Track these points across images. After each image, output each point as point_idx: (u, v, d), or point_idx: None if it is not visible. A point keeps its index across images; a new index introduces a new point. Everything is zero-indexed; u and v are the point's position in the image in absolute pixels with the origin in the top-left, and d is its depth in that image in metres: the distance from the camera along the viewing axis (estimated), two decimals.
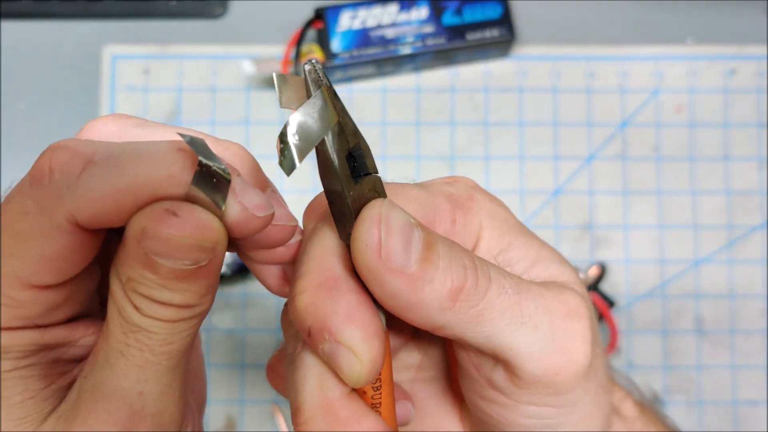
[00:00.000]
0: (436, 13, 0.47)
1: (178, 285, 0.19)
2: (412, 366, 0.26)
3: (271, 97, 0.50)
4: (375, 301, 0.20)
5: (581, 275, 0.47)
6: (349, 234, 0.19)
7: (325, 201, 0.21)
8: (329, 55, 0.47)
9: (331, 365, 0.19)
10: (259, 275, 0.24)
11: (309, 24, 0.46)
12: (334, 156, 0.19)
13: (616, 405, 0.26)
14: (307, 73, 0.18)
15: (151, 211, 0.18)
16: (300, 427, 0.20)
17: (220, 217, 0.19)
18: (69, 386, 0.21)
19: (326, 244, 0.20)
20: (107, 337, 0.20)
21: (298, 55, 0.45)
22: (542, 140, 0.50)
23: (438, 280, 0.19)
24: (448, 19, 0.47)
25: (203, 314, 0.20)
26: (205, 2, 0.50)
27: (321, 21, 0.47)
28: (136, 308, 0.19)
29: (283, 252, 0.22)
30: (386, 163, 0.49)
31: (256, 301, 0.48)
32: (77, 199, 0.18)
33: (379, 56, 0.47)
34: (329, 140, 0.19)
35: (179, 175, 0.18)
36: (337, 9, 0.47)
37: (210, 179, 0.18)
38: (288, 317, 0.21)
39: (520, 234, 0.23)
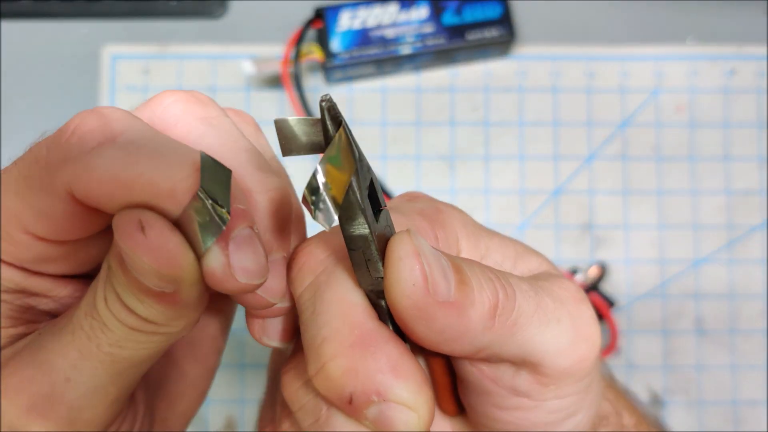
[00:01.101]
0: (436, 13, 0.47)
1: (142, 297, 0.17)
2: None
3: (270, 97, 0.50)
4: (405, 338, 0.19)
5: (581, 275, 0.47)
6: (377, 279, 0.18)
7: (321, 250, 0.19)
8: (329, 54, 0.47)
9: (380, 428, 0.18)
10: (246, 316, 0.22)
11: (309, 24, 0.46)
12: (360, 198, 0.17)
13: (618, 410, 0.26)
14: (326, 111, 0.17)
15: (127, 217, 0.17)
16: None
17: (200, 257, 0.17)
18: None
19: (347, 298, 0.18)
20: (75, 309, 0.19)
21: (297, 55, 0.45)
22: (542, 140, 0.50)
23: (478, 302, 0.18)
24: (448, 18, 0.47)
25: (171, 336, 0.19)
26: (204, 2, 0.50)
27: (321, 21, 0.47)
28: (105, 298, 0.18)
29: (267, 312, 0.20)
30: (386, 163, 0.49)
31: None
32: (76, 173, 0.17)
33: (379, 56, 0.47)
34: (353, 182, 0.17)
35: (181, 194, 0.17)
36: (336, 9, 0.47)
37: (208, 215, 0.16)
38: (291, 389, 0.20)
39: (493, 236, 0.23)
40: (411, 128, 0.50)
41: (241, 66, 0.47)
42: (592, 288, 0.46)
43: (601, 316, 0.47)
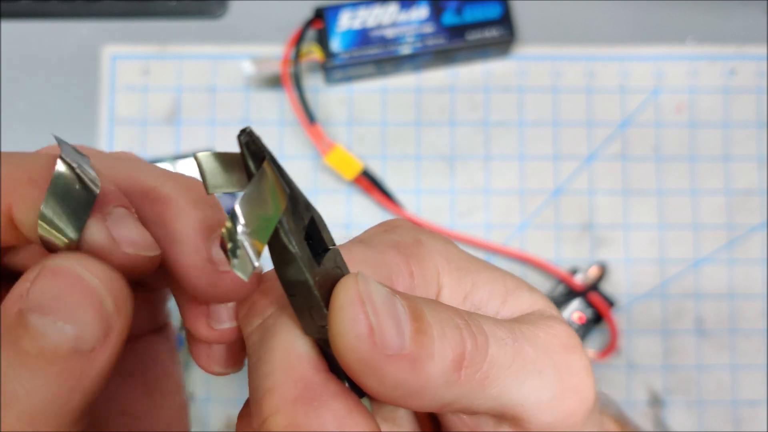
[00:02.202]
0: (435, 13, 0.47)
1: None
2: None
3: (271, 97, 0.50)
4: (358, 389, 0.17)
5: (581, 275, 0.47)
6: (321, 327, 0.16)
7: (270, 289, 0.18)
8: (329, 54, 0.47)
9: None
10: (183, 316, 0.20)
11: (309, 24, 0.46)
12: (291, 241, 0.15)
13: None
14: (243, 145, 0.15)
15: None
16: None
17: (72, 244, 0.15)
18: None
19: (291, 347, 0.17)
20: None
21: (297, 55, 0.45)
22: (542, 140, 0.50)
23: (438, 354, 0.16)
24: (448, 18, 0.47)
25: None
26: (204, 2, 0.50)
27: (320, 21, 0.47)
28: None
29: (213, 336, 0.18)
30: (386, 163, 0.49)
31: None
32: None
33: (378, 56, 0.47)
34: (284, 223, 0.15)
35: (41, 180, 0.15)
36: (336, 9, 0.47)
37: (77, 194, 0.15)
38: None
39: (481, 270, 0.20)
40: (411, 128, 0.50)
41: (241, 66, 0.47)
42: (592, 288, 0.46)
43: (600, 316, 0.47)
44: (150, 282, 0.20)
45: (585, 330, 0.48)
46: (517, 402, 0.17)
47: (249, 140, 0.15)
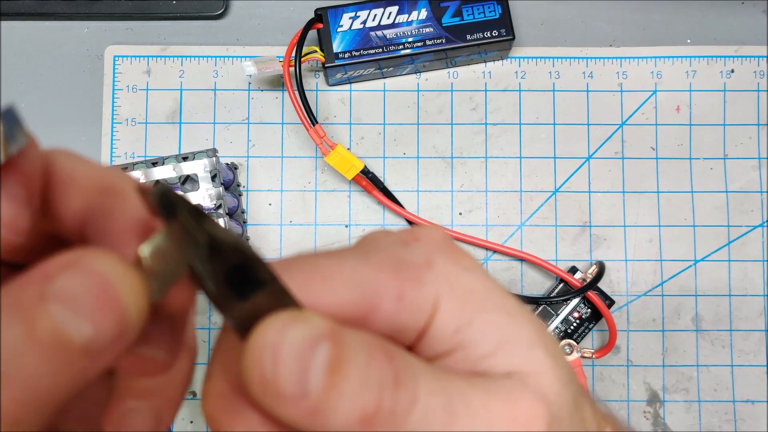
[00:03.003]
0: (435, 15, 0.47)
1: None
2: None
3: (272, 97, 0.50)
4: None
5: (579, 274, 0.47)
6: None
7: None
8: (330, 55, 0.47)
9: None
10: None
11: (309, 24, 0.46)
12: (209, 284, 0.16)
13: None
14: (156, 202, 0.15)
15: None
16: None
17: None
18: None
19: (230, 350, 0.17)
20: None
21: (298, 56, 0.45)
22: (542, 140, 0.50)
23: (344, 408, 0.15)
24: (448, 20, 0.47)
25: None
26: (205, 2, 0.50)
27: (321, 22, 0.47)
28: None
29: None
30: (386, 162, 0.49)
31: None
32: None
33: (379, 57, 0.47)
34: (201, 265, 0.16)
35: None
36: (337, 10, 0.47)
37: None
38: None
39: (486, 308, 0.18)
40: (411, 128, 0.50)
41: (242, 66, 0.47)
42: (591, 287, 0.46)
43: (600, 315, 0.47)
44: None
45: (584, 329, 0.48)
46: None
47: (161, 195, 0.15)
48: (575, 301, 0.47)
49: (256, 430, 0.16)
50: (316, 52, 0.47)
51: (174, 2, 0.50)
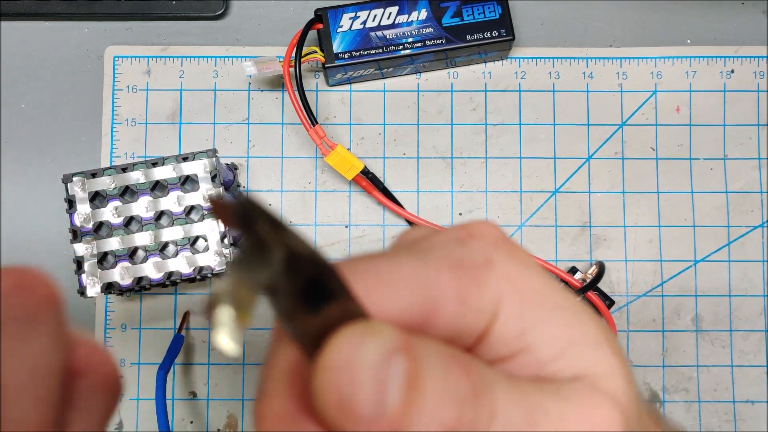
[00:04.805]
0: (435, 15, 0.47)
1: None
2: None
3: (272, 98, 0.50)
4: None
5: (579, 275, 0.47)
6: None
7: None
8: (330, 55, 0.47)
9: None
10: None
11: (309, 25, 0.46)
12: (284, 298, 0.15)
13: None
14: (237, 215, 0.15)
15: None
16: None
17: None
18: None
19: (291, 365, 0.16)
20: None
21: (298, 56, 0.45)
22: (542, 140, 0.50)
23: (423, 425, 0.15)
24: (448, 20, 0.47)
25: None
26: (205, 2, 0.50)
27: (321, 22, 0.47)
28: None
29: None
30: (386, 163, 0.49)
31: (256, 300, 0.49)
32: None
33: (379, 57, 0.47)
34: (280, 281, 0.15)
35: None
36: (337, 10, 0.47)
37: None
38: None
39: (551, 309, 0.18)
40: (411, 128, 0.50)
41: (242, 67, 0.47)
42: (591, 287, 0.46)
43: (600, 316, 0.47)
44: None
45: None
46: None
47: (241, 207, 0.15)
48: None
49: None
50: (316, 52, 0.47)
51: (174, 2, 0.50)
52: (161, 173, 0.43)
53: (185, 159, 0.43)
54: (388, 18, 0.47)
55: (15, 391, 0.16)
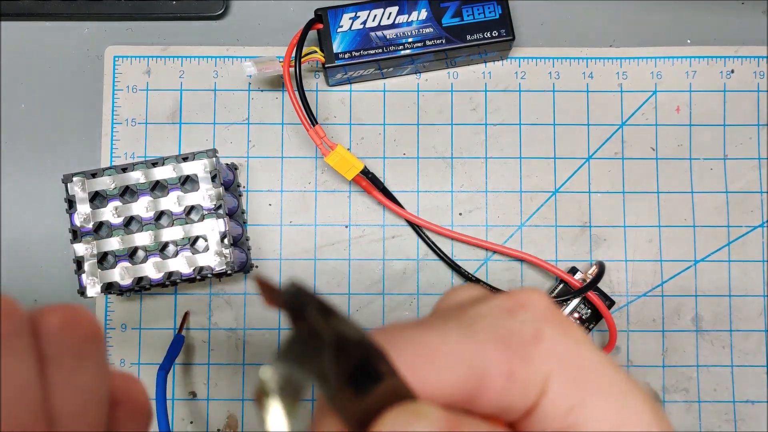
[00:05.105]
0: (435, 15, 0.47)
1: None
2: None
3: (272, 98, 0.50)
4: None
5: (579, 275, 0.47)
6: None
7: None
8: (330, 55, 0.47)
9: None
10: None
11: (309, 25, 0.46)
12: (331, 382, 0.15)
13: None
14: (289, 297, 0.15)
15: None
16: None
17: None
18: None
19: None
20: None
21: (298, 56, 0.45)
22: (542, 140, 0.50)
23: None
24: (448, 20, 0.47)
25: None
26: (205, 2, 0.50)
27: (321, 22, 0.47)
28: None
29: None
30: (386, 163, 0.49)
31: (256, 300, 0.49)
32: None
33: (379, 57, 0.47)
34: (328, 367, 0.15)
35: None
36: (337, 10, 0.47)
37: None
38: None
39: (600, 388, 0.17)
40: (411, 128, 0.50)
41: (242, 67, 0.47)
42: (591, 287, 0.46)
43: (600, 315, 0.47)
44: None
45: (584, 329, 0.48)
46: None
47: (289, 295, 0.15)
48: (575, 301, 0.47)
49: None
50: (316, 52, 0.47)
51: (174, 2, 0.50)
52: (161, 173, 0.43)
53: (185, 159, 0.43)
54: (388, 18, 0.47)
55: (70, 417, 0.17)
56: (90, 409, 0.17)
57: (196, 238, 0.43)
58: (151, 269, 0.43)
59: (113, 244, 0.43)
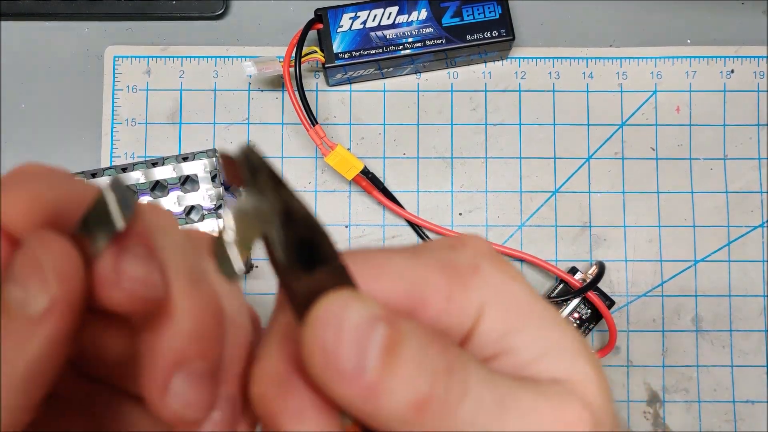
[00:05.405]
0: (435, 15, 0.47)
1: None
2: None
3: (272, 98, 0.50)
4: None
5: (579, 275, 0.47)
6: None
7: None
8: (330, 55, 0.47)
9: None
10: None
11: (309, 25, 0.46)
12: (279, 250, 0.17)
13: None
14: (241, 160, 0.16)
15: None
16: None
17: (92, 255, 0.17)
18: None
19: (282, 331, 0.18)
20: None
21: (298, 56, 0.45)
22: (542, 140, 0.50)
23: (399, 390, 0.16)
24: (448, 20, 0.47)
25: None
26: (205, 2, 0.50)
27: (321, 22, 0.47)
28: None
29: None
30: (386, 163, 0.49)
31: (257, 300, 0.49)
32: None
33: (379, 57, 0.47)
34: (274, 234, 0.17)
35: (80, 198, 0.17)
36: (337, 10, 0.47)
37: (106, 218, 0.16)
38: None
39: (532, 316, 0.19)
40: (411, 128, 0.50)
41: (242, 67, 0.47)
42: (591, 287, 0.46)
43: (600, 315, 0.47)
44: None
45: (584, 329, 0.48)
46: None
47: (244, 157, 0.16)
48: (575, 301, 0.47)
49: (308, 413, 0.17)
50: (316, 52, 0.47)
51: (174, 2, 0.50)
52: (161, 173, 0.43)
53: (185, 159, 0.43)
54: (388, 18, 0.47)
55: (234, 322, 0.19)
56: (243, 314, 0.19)
57: None
58: None
59: None
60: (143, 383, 0.17)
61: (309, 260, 0.17)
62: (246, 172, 0.16)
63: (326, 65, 0.47)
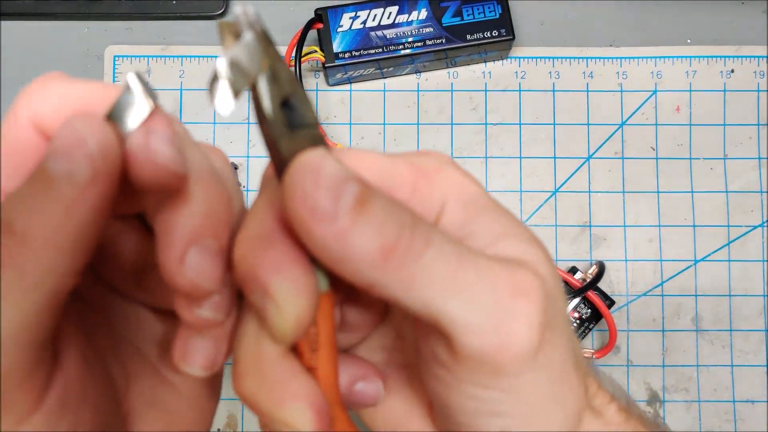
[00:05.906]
0: (435, 15, 0.47)
1: None
2: (386, 347, 0.24)
3: None
4: (314, 262, 0.19)
5: (579, 275, 0.48)
6: None
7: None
8: (330, 55, 0.47)
9: (259, 319, 0.19)
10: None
11: (309, 24, 0.46)
12: (266, 101, 0.18)
13: (599, 409, 0.23)
14: (239, 18, 0.18)
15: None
16: (233, 383, 0.19)
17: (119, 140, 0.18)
18: None
19: (267, 197, 0.19)
20: None
21: (298, 56, 0.45)
22: (542, 140, 0.50)
23: (368, 234, 0.17)
24: (448, 20, 0.47)
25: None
26: (205, 2, 0.50)
27: (321, 22, 0.47)
28: None
29: (197, 321, 0.20)
30: None
31: None
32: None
33: (379, 57, 0.47)
34: (262, 85, 0.18)
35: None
36: (337, 10, 0.47)
37: (133, 102, 0.18)
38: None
39: (489, 210, 0.21)
40: (411, 128, 0.50)
41: None
42: (591, 287, 0.46)
43: (600, 315, 0.47)
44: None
45: (584, 329, 0.48)
46: (444, 315, 0.18)
47: (243, 14, 0.18)
48: (575, 301, 0.47)
49: (286, 265, 0.18)
50: (316, 52, 0.47)
51: (174, 2, 0.50)
52: None
53: None
54: (388, 18, 0.47)
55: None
56: (244, 212, 0.21)
57: None
58: None
59: None
60: (161, 260, 0.19)
61: (291, 120, 0.19)
62: (243, 28, 0.18)
63: (326, 65, 0.47)
